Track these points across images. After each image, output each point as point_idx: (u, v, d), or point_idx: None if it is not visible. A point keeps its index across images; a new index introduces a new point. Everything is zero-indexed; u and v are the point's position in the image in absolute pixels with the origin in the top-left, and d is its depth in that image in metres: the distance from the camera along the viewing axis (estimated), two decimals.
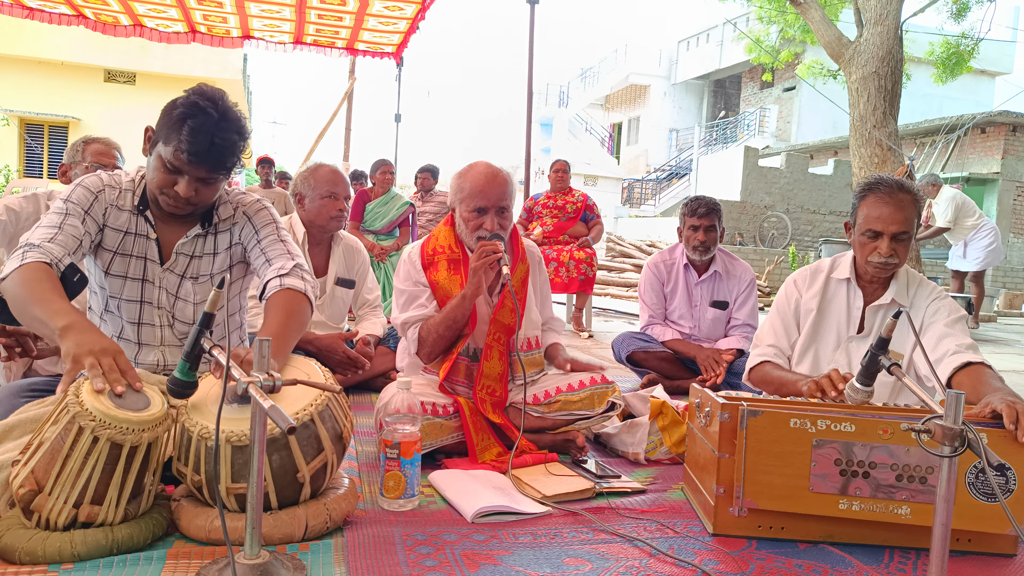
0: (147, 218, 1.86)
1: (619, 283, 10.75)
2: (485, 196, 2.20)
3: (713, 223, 3.45)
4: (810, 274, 2.38)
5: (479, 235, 2.21)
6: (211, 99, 1.72)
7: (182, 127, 1.69)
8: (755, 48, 13.20)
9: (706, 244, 3.46)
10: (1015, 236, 15.96)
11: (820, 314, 2.31)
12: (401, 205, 5.90)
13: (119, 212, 1.84)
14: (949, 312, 2.16)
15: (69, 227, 1.72)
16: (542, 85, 30.84)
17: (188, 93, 1.74)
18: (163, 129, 1.74)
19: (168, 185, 1.77)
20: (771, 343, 2.34)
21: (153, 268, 1.88)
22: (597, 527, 1.70)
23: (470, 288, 2.16)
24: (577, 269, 5.41)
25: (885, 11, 7.50)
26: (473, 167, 2.26)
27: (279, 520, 1.49)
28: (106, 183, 1.84)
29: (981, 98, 22.17)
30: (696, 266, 3.57)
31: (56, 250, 1.66)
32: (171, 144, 1.71)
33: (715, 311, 3.53)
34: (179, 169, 1.74)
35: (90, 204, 1.80)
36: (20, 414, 1.57)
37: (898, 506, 1.58)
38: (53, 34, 11.76)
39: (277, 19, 6.00)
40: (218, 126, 1.70)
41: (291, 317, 1.75)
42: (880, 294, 2.25)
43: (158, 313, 1.90)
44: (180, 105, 1.72)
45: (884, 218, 2.12)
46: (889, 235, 2.13)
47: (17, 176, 14.50)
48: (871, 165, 7.78)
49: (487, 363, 2.24)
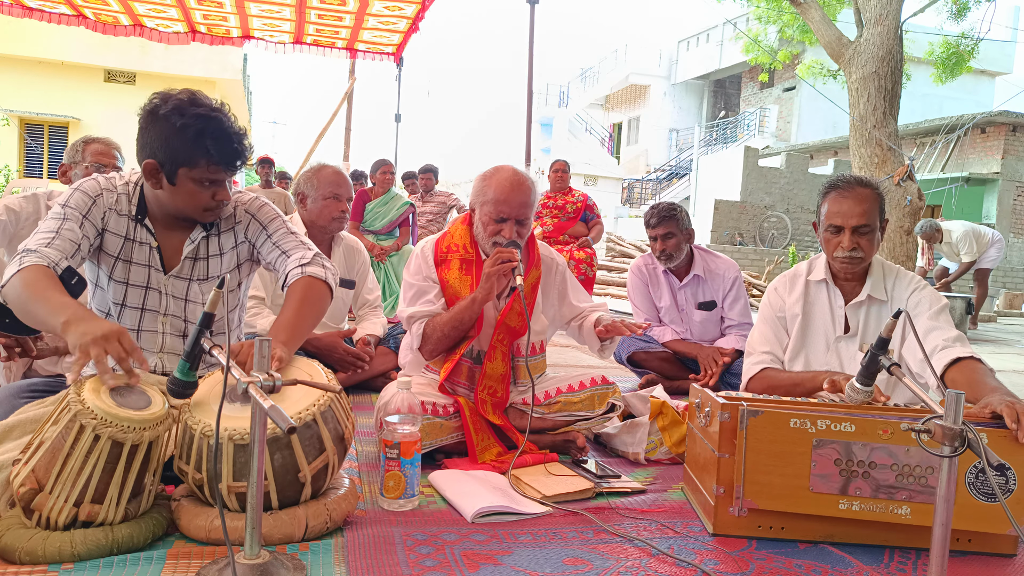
0: (147, 226, 1.85)
1: (619, 283, 10.75)
2: (508, 205, 2.16)
3: (670, 230, 3.38)
4: (789, 280, 2.39)
5: (495, 241, 2.19)
6: (200, 103, 1.72)
7: (203, 142, 1.69)
8: (753, 48, 13.20)
9: (667, 252, 3.41)
10: (1015, 236, 15.96)
11: (806, 318, 2.32)
12: (401, 205, 5.91)
13: (118, 217, 1.83)
14: (931, 303, 2.16)
15: (66, 231, 1.71)
16: (542, 85, 30.85)
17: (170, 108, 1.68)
18: (178, 152, 1.70)
19: (209, 199, 1.78)
20: (766, 350, 2.34)
21: (157, 276, 1.87)
22: (597, 527, 1.70)
23: (481, 293, 2.14)
24: (577, 269, 5.41)
25: (885, 11, 7.49)
26: (499, 171, 2.22)
27: (279, 520, 1.49)
28: (103, 187, 1.82)
29: (981, 98, 22.17)
30: (675, 271, 3.53)
31: (53, 254, 1.65)
32: (199, 163, 1.71)
33: (703, 313, 3.50)
34: (216, 180, 1.76)
35: (88, 208, 1.78)
36: (20, 414, 1.57)
37: (898, 506, 1.58)
38: (53, 34, 11.75)
39: (277, 19, 6.00)
40: (224, 123, 1.72)
41: (308, 304, 1.78)
42: (858, 291, 2.26)
43: (161, 320, 1.89)
44: (184, 121, 1.67)
45: (844, 212, 2.17)
46: (850, 228, 2.16)
47: (17, 176, 14.50)
48: (871, 165, 7.78)
49: (490, 364, 2.24)
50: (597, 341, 2.40)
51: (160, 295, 1.87)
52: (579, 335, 2.49)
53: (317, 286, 1.82)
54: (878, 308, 2.25)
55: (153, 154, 1.72)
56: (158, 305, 1.88)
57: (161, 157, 1.72)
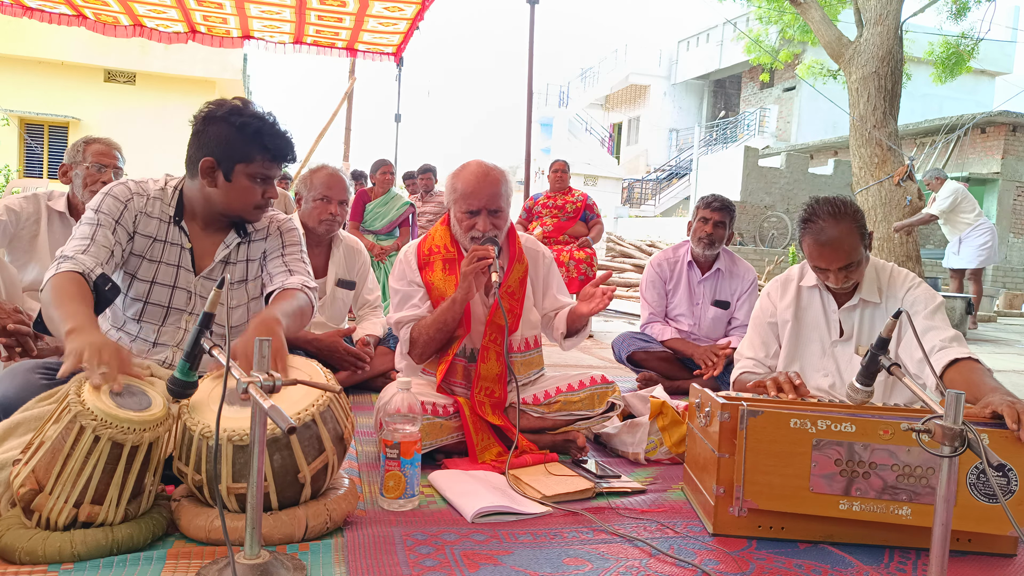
0: (182, 228, 1.92)
1: (619, 283, 10.75)
2: (477, 197, 2.18)
3: (723, 220, 3.48)
4: (781, 284, 2.39)
5: (472, 235, 2.20)
6: (252, 106, 1.86)
7: (260, 139, 1.82)
8: (754, 48, 13.20)
9: (712, 238, 3.47)
10: (1015, 236, 15.96)
11: (797, 323, 2.32)
12: (401, 205, 5.91)
13: (148, 219, 1.90)
14: (927, 302, 2.16)
15: (100, 238, 1.79)
16: (542, 85, 30.85)
17: (227, 110, 1.83)
18: (236, 148, 1.81)
19: (260, 196, 1.89)
20: (749, 356, 2.37)
21: (186, 276, 1.93)
22: (597, 527, 1.70)
23: (460, 292, 2.15)
24: (577, 269, 5.41)
25: (885, 11, 7.50)
26: (465, 167, 2.24)
27: (279, 520, 1.49)
28: (134, 191, 1.90)
29: (981, 98, 22.17)
30: (700, 264, 3.58)
31: (88, 260, 1.72)
32: (255, 159, 1.83)
33: (716, 310, 3.55)
34: (269, 176, 1.87)
35: (120, 213, 1.85)
36: (24, 412, 1.57)
37: (898, 506, 1.58)
38: (53, 34, 11.74)
39: (277, 19, 6.00)
40: (277, 123, 1.86)
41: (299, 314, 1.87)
42: (850, 296, 2.27)
43: (186, 318, 1.95)
44: (243, 120, 1.80)
45: (826, 257, 2.14)
46: (835, 269, 2.15)
47: (17, 176, 14.50)
48: (871, 165, 7.78)
49: (484, 365, 2.24)
50: (564, 325, 2.36)
51: (189, 295, 1.94)
52: (550, 326, 2.45)
53: (308, 308, 1.93)
54: (872, 310, 2.25)
55: (211, 152, 1.82)
56: (185, 304, 1.94)
57: (219, 155, 1.82)
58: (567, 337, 2.39)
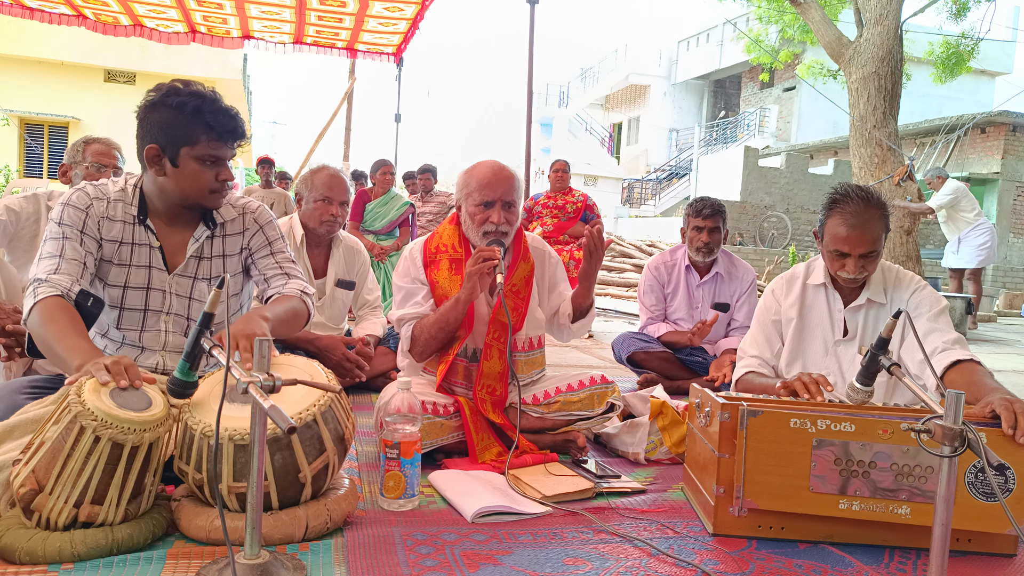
0: (148, 227, 1.86)
1: (619, 283, 10.75)
2: (493, 188, 2.20)
3: (717, 224, 3.46)
4: (786, 282, 2.38)
5: (485, 229, 2.20)
6: (192, 85, 1.78)
7: (200, 117, 1.73)
8: (754, 48, 13.20)
9: (709, 245, 3.46)
10: (1015, 236, 15.96)
11: (802, 321, 2.31)
12: (401, 205, 5.91)
13: (111, 223, 1.83)
14: (931, 305, 2.15)
15: (69, 251, 1.73)
16: (542, 85, 30.83)
17: (164, 92, 1.75)
18: (178, 131, 1.74)
19: (213, 180, 1.81)
20: (754, 354, 2.35)
21: (160, 276, 1.88)
22: (597, 527, 1.70)
23: (464, 293, 2.15)
24: (577, 269, 5.41)
25: (885, 11, 7.50)
26: (480, 163, 2.27)
27: (279, 520, 1.49)
28: (93, 196, 1.83)
29: (981, 98, 22.17)
30: (698, 267, 3.57)
31: (63, 280, 1.68)
32: (199, 139, 1.75)
33: (716, 313, 3.54)
34: (218, 157, 1.79)
35: (83, 222, 1.79)
36: (21, 414, 1.57)
37: (898, 506, 1.58)
38: (53, 34, 11.76)
39: (277, 20, 6.00)
40: (218, 100, 1.78)
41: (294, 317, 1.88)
42: (857, 294, 2.25)
43: (164, 318, 1.90)
44: (180, 99, 1.73)
45: (851, 240, 2.11)
46: (857, 255, 2.12)
47: (17, 176, 14.51)
48: (871, 165, 7.78)
49: (487, 363, 2.24)
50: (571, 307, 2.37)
51: (164, 294, 1.89)
52: (556, 323, 2.45)
53: (302, 312, 1.94)
54: (876, 311, 2.24)
55: (154, 139, 1.75)
56: (161, 304, 1.89)
57: (162, 140, 1.75)
58: (575, 320, 2.39)
